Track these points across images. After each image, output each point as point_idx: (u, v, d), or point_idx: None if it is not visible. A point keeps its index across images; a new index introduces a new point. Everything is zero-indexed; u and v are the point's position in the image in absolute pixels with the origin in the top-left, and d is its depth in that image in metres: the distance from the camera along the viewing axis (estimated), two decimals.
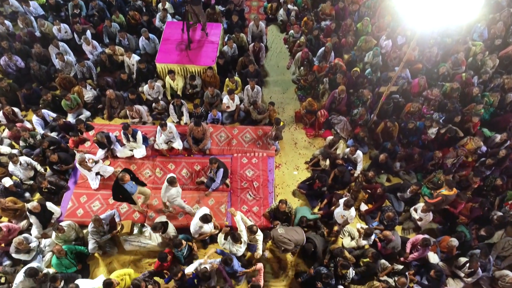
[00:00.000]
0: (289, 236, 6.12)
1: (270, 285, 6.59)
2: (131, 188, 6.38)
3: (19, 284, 5.98)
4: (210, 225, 6.33)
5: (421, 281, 6.44)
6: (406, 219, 7.31)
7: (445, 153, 7.90)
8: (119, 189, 6.30)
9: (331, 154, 7.72)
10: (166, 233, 6.29)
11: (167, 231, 6.29)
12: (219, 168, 6.96)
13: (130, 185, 6.34)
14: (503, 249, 6.65)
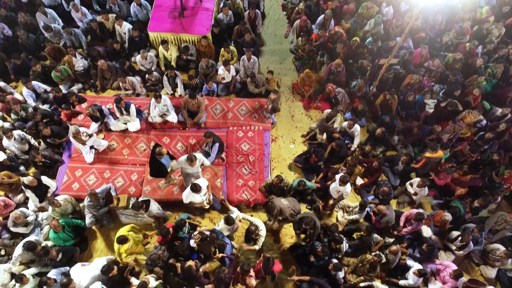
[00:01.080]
0: (292, 207, 6.21)
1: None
2: (166, 162, 6.50)
3: (18, 257, 6.10)
4: (200, 194, 6.22)
5: (413, 253, 6.55)
6: (401, 193, 7.34)
7: (444, 127, 7.80)
8: (157, 164, 6.42)
9: (328, 128, 7.60)
10: (149, 211, 6.27)
11: (150, 209, 6.25)
12: (214, 142, 6.88)
13: (166, 159, 6.47)
14: (496, 223, 6.73)
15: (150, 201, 6.28)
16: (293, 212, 6.22)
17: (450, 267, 6.13)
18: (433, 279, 6.34)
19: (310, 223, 6.00)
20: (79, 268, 5.81)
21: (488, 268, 6.55)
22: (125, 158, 7.35)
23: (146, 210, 6.19)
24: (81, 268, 5.79)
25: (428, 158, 7.15)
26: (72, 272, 5.74)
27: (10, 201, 6.85)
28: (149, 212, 6.29)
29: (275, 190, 6.76)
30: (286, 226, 6.98)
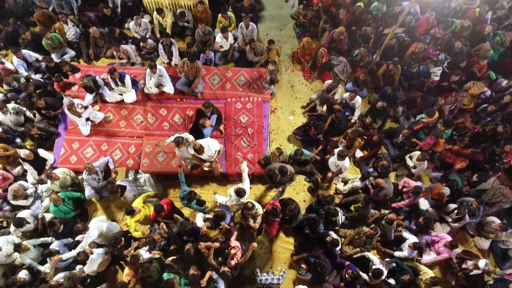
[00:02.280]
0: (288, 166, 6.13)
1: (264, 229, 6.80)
2: (207, 132, 6.68)
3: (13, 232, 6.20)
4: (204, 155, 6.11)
5: (410, 225, 6.64)
6: (400, 166, 7.31)
7: (446, 98, 7.63)
8: (197, 132, 6.52)
9: (328, 99, 7.43)
10: (123, 197, 6.23)
11: (124, 195, 6.21)
12: (212, 113, 6.73)
13: (208, 129, 6.65)
14: (493, 196, 6.76)
15: (126, 187, 6.17)
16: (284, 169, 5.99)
17: (445, 238, 6.23)
18: (428, 250, 6.47)
19: (294, 210, 5.85)
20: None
21: (482, 239, 6.67)
22: (122, 131, 7.24)
23: (121, 195, 6.13)
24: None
25: (426, 122, 7.09)
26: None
27: (8, 174, 6.84)
28: (124, 198, 6.23)
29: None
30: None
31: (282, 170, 5.84)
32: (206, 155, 6.08)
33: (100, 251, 5.79)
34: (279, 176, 5.97)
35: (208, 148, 6.01)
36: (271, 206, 5.93)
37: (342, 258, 6.18)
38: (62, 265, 6.05)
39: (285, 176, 5.94)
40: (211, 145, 6.07)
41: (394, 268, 6.05)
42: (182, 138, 5.86)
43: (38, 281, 6.10)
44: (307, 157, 6.75)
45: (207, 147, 5.98)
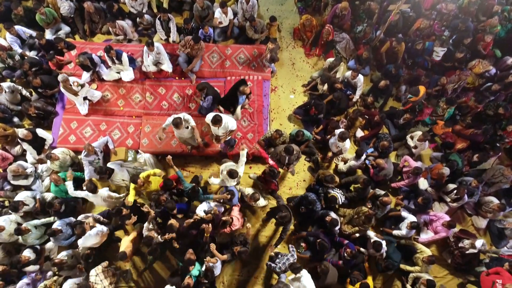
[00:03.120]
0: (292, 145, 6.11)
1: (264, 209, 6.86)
2: (242, 100, 6.76)
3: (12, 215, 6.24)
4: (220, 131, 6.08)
5: (409, 205, 6.69)
6: (401, 145, 7.28)
7: (450, 77, 7.49)
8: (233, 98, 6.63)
9: (330, 78, 7.30)
10: (110, 179, 6.15)
11: (112, 177, 6.14)
12: (207, 94, 6.60)
13: (243, 98, 6.75)
14: (492, 176, 6.76)
15: (114, 170, 6.09)
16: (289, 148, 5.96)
17: (443, 218, 6.30)
18: (426, 228, 6.56)
19: (284, 219, 5.64)
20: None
21: (480, 218, 6.75)
22: (120, 110, 7.16)
23: (108, 177, 6.05)
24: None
25: (414, 101, 7.05)
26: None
27: (7, 154, 6.81)
28: (111, 181, 6.18)
29: (274, 144, 6.67)
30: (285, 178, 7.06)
31: (288, 149, 5.84)
32: (221, 131, 6.04)
33: (100, 228, 5.82)
34: (287, 156, 5.96)
35: (226, 125, 5.94)
36: (269, 168, 5.95)
37: (341, 237, 6.27)
38: (65, 243, 6.13)
39: (292, 155, 5.93)
40: (230, 123, 6.01)
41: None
42: (180, 119, 5.76)
43: (42, 258, 6.21)
44: (307, 138, 6.73)
45: (226, 124, 5.92)
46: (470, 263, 6.26)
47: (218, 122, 5.77)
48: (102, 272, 5.60)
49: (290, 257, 5.50)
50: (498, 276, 5.60)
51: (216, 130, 6.05)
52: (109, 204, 6.18)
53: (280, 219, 5.58)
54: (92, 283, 5.42)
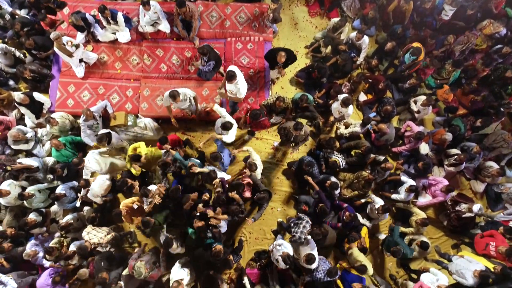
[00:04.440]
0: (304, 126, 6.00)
1: (266, 173, 6.91)
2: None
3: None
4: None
5: (408, 169, 6.73)
6: (404, 110, 7.19)
7: (458, 37, 7.23)
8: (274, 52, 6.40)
9: (334, 39, 7.03)
10: (111, 144, 6.11)
11: (112, 141, 6.10)
12: (210, 59, 6.37)
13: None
14: (494, 141, 6.74)
15: (110, 133, 6.05)
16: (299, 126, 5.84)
17: (442, 182, 6.33)
18: (424, 192, 6.64)
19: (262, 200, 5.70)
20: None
21: (478, 183, 6.83)
22: (118, 73, 6.97)
23: (108, 143, 6.01)
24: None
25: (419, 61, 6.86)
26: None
27: (5, 118, 6.73)
28: (111, 145, 6.15)
29: (276, 109, 6.57)
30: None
31: (297, 125, 5.71)
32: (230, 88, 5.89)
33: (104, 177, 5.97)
34: (294, 133, 5.85)
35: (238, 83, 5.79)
36: (250, 112, 5.86)
37: (340, 201, 6.37)
38: (69, 206, 6.25)
39: (299, 131, 5.78)
40: (241, 85, 5.85)
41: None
42: (176, 92, 5.62)
43: (48, 221, 6.36)
44: (310, 102, 6.61)
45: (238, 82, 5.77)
46: (465, 225, 6.42)
47: (233, 77, 5.62)
48: (92, 229, 5.79)
49: (306, 224, 5.58)
50: (492, 239, 5.77)
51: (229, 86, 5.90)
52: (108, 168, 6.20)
53: (258, 200, 5.69)
54: (88, 240, 5.61)
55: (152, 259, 5.50)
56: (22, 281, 5.77)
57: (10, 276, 5.71)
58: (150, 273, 5.32)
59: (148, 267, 5.29)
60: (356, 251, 5.74)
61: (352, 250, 5.77)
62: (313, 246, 5.40)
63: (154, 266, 5.47)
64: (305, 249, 5.40)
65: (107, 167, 6.10)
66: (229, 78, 5.63)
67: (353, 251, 5.73)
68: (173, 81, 6.91)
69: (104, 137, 5.86)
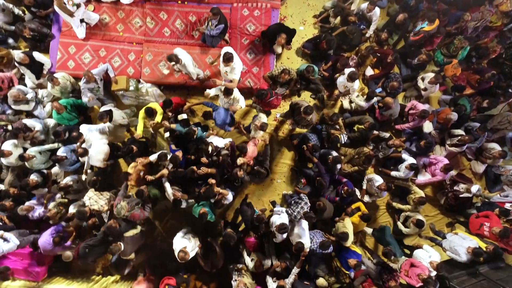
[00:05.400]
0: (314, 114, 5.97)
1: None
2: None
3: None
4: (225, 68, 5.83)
5: (410, 147, 6.70)
6: (410, 86, 7.06)
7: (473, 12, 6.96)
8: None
9: (344, 9, 6.78)
10: (113, 121, 6.05)
11: (114, 118, 6.05)
12: (220, 22, 6.13)
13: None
14: (499, 122, 6.66)
15: (112, 111, 6.01)
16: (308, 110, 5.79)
17: (442, 162, 6.34)
18: (424, 170, 6.66)
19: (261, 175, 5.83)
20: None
21: (479, 163, 6.84)
22: (120, 35, 6.77)
23: (110, 120, 5.96)
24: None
25: (427, 31, 6.61)
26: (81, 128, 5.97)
27: (6, 75, 6.60)
28: (114, 121, 6.09)
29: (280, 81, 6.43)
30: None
31: (307, 109, 5.63)
32: (226, 70, 5.72)
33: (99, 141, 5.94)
34: (301, 114, 5.77)
35: (234, 67, 5.62)
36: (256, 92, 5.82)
37: (340, 175, 6.40)
38: (70, 169, 6.28)
39: (308, 115, 5.72)
40: (237, 65, 5.66)
41: None
42: (175, 56, 5.55)
43: (50, 182, 6.41)
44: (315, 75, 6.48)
45: (234, 65, 5.61)
46: (462, 205, 6.51)
47: (229, 60, 5.45)
48: (94, 194, 5.82)
49: (304, 205, 5.67)
50: (487, 220, 5.86)
51: (224, 68, 5.72)
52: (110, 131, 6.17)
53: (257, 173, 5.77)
54: (88, 206, 5.68)
55: (135, 200, 5.57)
56: (23, 239, 5.92)
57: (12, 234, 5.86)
58: (130, 213, 5.41)
59: (129, 207, 5.37)
60: (347, 221, 5.84)
61: (344, 220, 5.86)
62: (305, 226, 5.52)
63: (136, 206, 5.55)
64: (297, 228, 5.52)
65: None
66: (226, 60, 5.46)
67: (344, 221, 5.83)
68: (176, 46, 6.71)
69: (104, 114, 5.81)
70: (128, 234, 5.67)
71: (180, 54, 5.83)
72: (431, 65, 7.25)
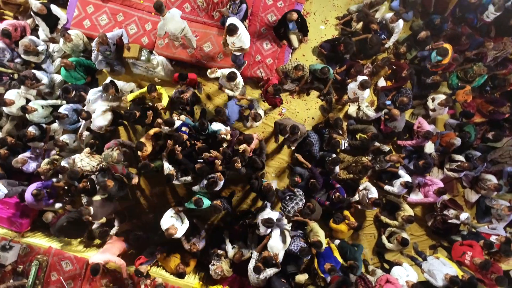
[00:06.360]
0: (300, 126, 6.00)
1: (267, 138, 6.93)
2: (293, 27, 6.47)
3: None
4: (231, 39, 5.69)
5: (408, 164, 6.69)
6: (419, 104, 7.02)
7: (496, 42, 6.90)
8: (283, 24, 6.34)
9: (368, 16, 6.68)
10: (120, 92, 6.03)
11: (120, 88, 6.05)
12: (242, 3, 6.04)
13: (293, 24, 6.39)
14: (500, 155, 6.65)
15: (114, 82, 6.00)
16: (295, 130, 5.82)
17: (437, 184, 6.33)
18: (417, 190, 6.64)
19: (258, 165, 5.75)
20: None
21: (473, 192, 6.83)
22: (140, 3, 6.67)
23: (116, 90, 5.97)
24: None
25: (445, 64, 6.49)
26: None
27: (20, 23, 6.55)
28: (121, 93, 6.11)
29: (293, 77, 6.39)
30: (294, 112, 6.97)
31: (293, 129, 5.64)
32: (232, 40, 5.63)
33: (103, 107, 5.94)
34: (289, 134, 5.81)
35: (240, 36, 5.54)
36: (273, 86, 5.82)
37: (334, 180, 6.41)
38: (70, 128, 6.28)
39: (295, 135, 5.74)
40: (244, 37, 5.58)
41: None
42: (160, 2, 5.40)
43: (47, 137, 6.41)
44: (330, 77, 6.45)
45: (240, 35, 5.51)
46: (448, 230, 6.53)
47: (233, 31, 5.37)
48: (86, 157, 5.82)
49: (299, 202, 5.68)
50: (470, 249, 5.88)
51: (230, 39, 5.65)
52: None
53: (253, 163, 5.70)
54: (80, 168, 5.68)
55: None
56: (12, 189, 5.94)
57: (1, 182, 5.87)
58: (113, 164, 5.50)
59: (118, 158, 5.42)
60: (314, 226, 5.84)
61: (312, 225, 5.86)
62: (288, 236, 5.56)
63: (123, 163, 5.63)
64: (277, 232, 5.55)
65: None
66: (229, 31, 5.38)
67: (313, 226, 5.84)
68: (194, 24, 6.65)
69: (109, 85, 5.79)
70: (95, 198, 5.77)
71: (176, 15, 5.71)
72: (444, 86, 7.19)
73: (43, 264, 6.02)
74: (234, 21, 5.46)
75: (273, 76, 6.65)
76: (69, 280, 6.02)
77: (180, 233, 5.37)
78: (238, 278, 6.10)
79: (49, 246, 6.09)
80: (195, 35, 6.53)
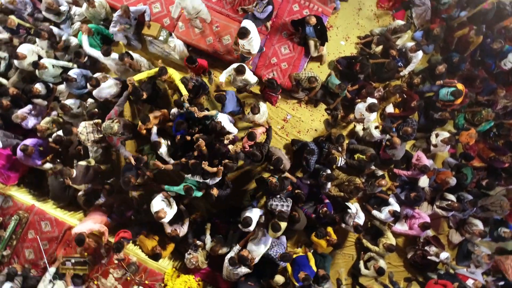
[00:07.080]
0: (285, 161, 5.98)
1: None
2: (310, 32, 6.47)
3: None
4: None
5: (399, 194, 6.71)
6: (422, 137, 7.04)
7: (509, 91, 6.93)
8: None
9: (389, 41, 6.71)
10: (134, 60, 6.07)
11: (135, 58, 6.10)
12: (269, 4, 6.04)
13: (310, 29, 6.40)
14: (491, 203, 6.65)
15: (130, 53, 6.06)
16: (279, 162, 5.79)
17: (424, 219, 6.35)
18: (404, 221, 6.68)
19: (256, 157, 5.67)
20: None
21: (457, 234, 6.85)
22: None
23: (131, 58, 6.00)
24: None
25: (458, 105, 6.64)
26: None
27: None
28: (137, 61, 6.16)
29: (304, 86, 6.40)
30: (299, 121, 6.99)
31: (277, 161, 5.63)
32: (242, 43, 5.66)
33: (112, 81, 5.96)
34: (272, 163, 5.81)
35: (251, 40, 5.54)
36: (267, 80, 5.88)
37: (324, 195, 6.41)
38: (76, 92, 6.29)
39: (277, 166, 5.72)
40: (255, 42, 5.61)
41: None
42: None
43: (52, 96, 6.43)
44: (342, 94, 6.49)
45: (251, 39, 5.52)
46: (426, 266, 6.55)
47: (244, 35, 5.40)
48: (91, 126, 5.76)
49: (286, 207, 5.70)
50: None
51: (241, 41, 5.66)
52: (120, 69, 6.14)
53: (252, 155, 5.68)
54: (78, 132, 5.66)
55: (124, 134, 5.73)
56: (7, 140, 5.91)
57: None
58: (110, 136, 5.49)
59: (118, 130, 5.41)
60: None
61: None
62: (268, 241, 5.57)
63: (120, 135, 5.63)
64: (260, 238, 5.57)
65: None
66: (240, 34, 5.41)
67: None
68: (218, 15, 6.67)
69: (125, 55, 5.81)
70: (81, 163, 5.81)
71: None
72: (450, 124, 7.22)
73: (23, 221, 6.02)
74: (248, 25, 5.49)
75: (285, 81, 6.67)
76: (45, 241, 6.01)
77: (168, 218, 5.40)
78: (211, 272, 6.10)
79: (32, 204, 6.08)
80: (216, 25, 6.55)
